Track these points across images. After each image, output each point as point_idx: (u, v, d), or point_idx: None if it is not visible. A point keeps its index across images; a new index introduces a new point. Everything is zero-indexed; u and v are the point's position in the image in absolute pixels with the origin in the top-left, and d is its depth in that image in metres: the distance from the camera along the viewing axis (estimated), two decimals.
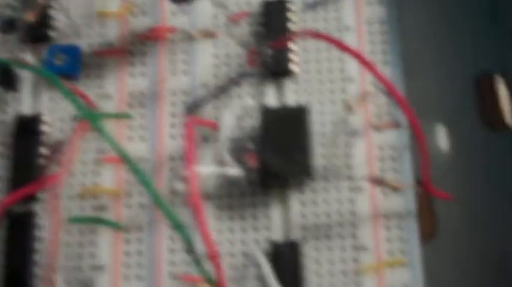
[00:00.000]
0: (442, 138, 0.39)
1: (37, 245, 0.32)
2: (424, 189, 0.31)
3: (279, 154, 0.31)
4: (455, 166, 0.38)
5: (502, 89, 0.39)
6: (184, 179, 0.26)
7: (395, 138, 0.33)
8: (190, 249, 0.27)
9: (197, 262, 0.27)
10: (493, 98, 0.39)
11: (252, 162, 0.30)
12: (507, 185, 0.37)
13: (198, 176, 0.25)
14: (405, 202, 0.32)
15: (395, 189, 0.30)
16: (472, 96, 0.39)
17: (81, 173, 0.33)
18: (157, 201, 0.27)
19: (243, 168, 0.31)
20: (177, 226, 0.26)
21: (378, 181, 0.30)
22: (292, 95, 0.34)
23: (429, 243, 0.37)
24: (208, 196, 0.32)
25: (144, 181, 0.27)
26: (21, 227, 0.32)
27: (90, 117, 0.31)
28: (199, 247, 0.28)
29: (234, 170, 0.30)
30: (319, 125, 0.33)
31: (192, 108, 0.33)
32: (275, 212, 0.32)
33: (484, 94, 0.39)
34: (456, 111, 0.39)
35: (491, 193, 0.37)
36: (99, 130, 0.29)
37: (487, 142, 0.38)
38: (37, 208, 0.32)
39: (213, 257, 0.26)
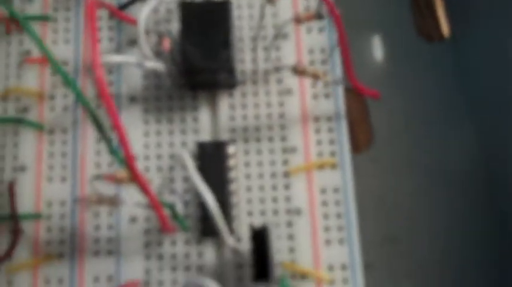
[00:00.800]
0: (377, 48, 0.38)
1: None
2: (353, 89, 0.31)
3: (202, 50, 0.30)
4: (390, 76, 0.38)
5: (438, 0, 0.39)
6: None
7: (325, 39, 0.33)
8: (111, 150, 0.26)
9: (121, 162, 0.26)
10: (429, 9, 0.39)
11: (166, 46, 0.29)
12: (443, 95, 0.37)
13: (102, 64, 0.24)
14: (335, 104, 0.32)
15: (317, 78, 0.29)
16: (408, 7, 0.39)
17: (4, 75, 0.32)
18: (81, 101, 0.26)
19: (164, 62, 0.30)
20: (99, 128, 0.25)
21: (300, 71, 0.29)
22: None
23: (366, 153, 0.37)
24: (135, 99, 0.32)
25: (68, 81, 0.26)
26: None
27: (17, 18, 0.30)
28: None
29: (153, 63, 0.29)
30: (248, 30, 0.33)
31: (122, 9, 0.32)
32: (203, 115, 0.32)
33: (420, 5, 0.39)
34: (392, 21, 0.39)
35: (427, 104, 0.37)
36: (27, 30, 0.28)
37: (422, 53, 0.38)
38: None
39: (128, 158, 0.25)
